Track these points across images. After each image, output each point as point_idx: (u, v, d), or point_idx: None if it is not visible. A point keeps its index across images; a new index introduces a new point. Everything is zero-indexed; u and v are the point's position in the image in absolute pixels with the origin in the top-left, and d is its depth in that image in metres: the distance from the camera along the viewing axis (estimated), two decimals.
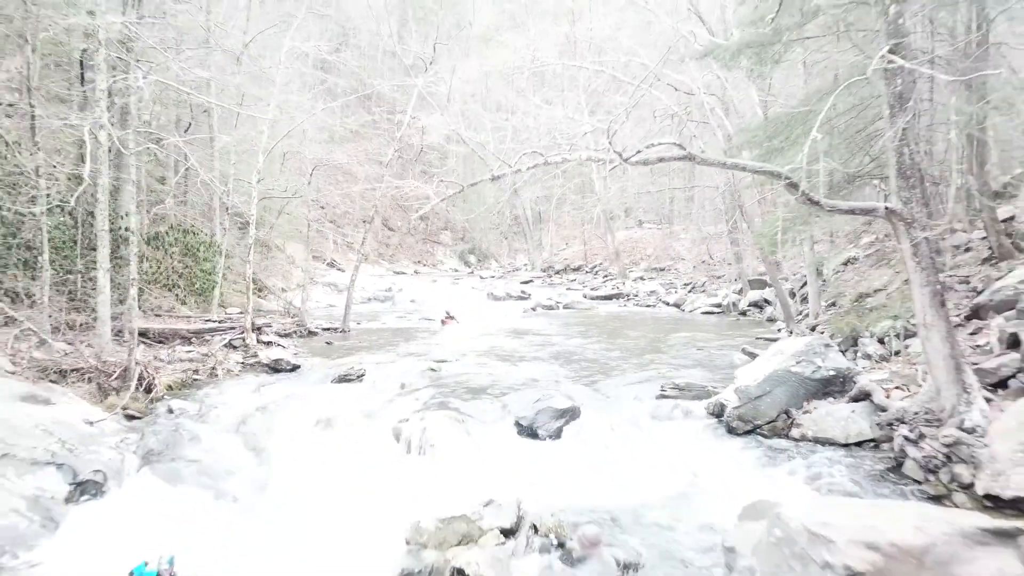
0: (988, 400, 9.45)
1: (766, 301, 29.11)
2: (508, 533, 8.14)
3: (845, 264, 25.92)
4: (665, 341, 22.19)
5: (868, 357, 13.75)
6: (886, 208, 9.15)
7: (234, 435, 12.79)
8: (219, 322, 21.28)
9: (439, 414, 12.61)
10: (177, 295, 22.48)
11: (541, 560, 5.96)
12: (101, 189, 15.15)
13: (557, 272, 53.19)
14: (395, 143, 25.09)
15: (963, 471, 8.70)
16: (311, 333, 23.78)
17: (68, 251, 16.90)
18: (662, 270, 47.22)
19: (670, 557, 7.34)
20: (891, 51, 8.80)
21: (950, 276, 16.98)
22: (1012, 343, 10.52)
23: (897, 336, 13.76)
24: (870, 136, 14.78)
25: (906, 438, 9.42)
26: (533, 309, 33.54)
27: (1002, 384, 9.98)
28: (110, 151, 15.67)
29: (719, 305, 31.52)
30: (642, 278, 45.51)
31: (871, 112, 14.47)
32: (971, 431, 8.91)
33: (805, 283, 24.58)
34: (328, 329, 24.68)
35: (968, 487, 8.57)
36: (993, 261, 16.90)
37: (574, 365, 17.81)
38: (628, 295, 38.93)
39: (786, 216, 14.96)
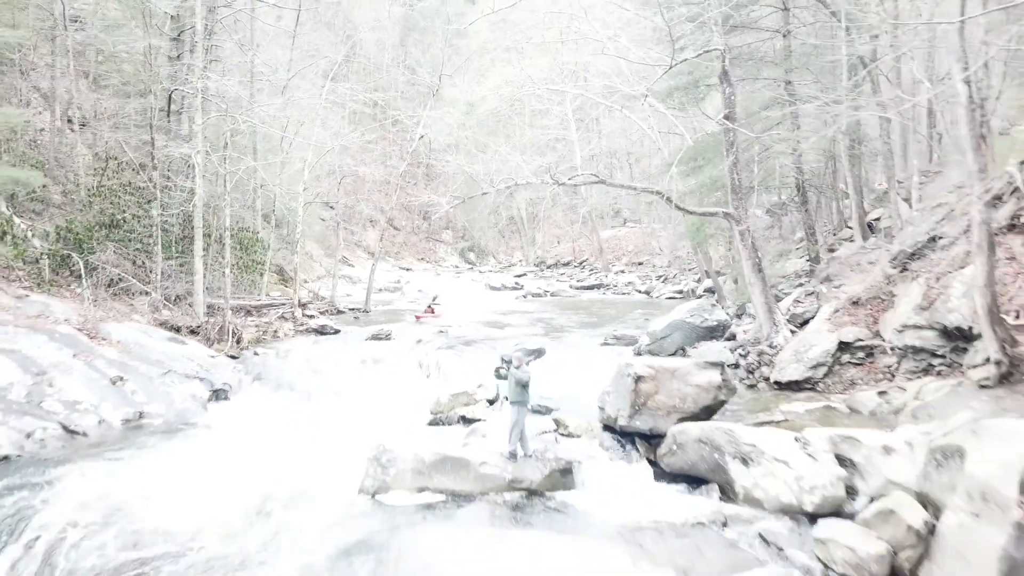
0: (793, 332, 15.19)
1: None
2: (491, 401, 13.92)
3: (780, 255, 31.68)
4: (626, 316, 27.90)
5: (750, 315, 19.48)
6: (724, 212, 14.89)
7: (304, 369, 18.49)
8: (270, 301, 26.96)
9: (448, 352, 18.43)
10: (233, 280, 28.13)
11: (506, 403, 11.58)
12: (198, 198, 20.86)
13: (548, 267, 58.87)
14: (407, 157, 30.70)
15: (766, 370, 14.44)
16: (340, 312, 29.51)
17: (168, 243, 22.57)
18: (641, 264, 52.91)
19: (575, 403, 13.12)
20: (726, 117, 14.51)
21: (831, 254, 22.71)
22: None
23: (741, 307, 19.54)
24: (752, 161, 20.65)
25: (740, 354, 15.18)
26: (524, 296, 39.16)
27: (805, 323, 15.68)
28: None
29: (681, 291, 37.19)
30: (623, 271, 51.22)
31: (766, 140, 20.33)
32: (774, 348, 14.64)
33: None
34: (353, 309, 30.39)
35: (767, 379, 14.29)
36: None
37: (548, 328, 23.57)
38: (608, 285, 44.69)
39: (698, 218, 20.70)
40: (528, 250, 65.08)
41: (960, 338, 11.02)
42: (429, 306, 29.06)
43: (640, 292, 40.84)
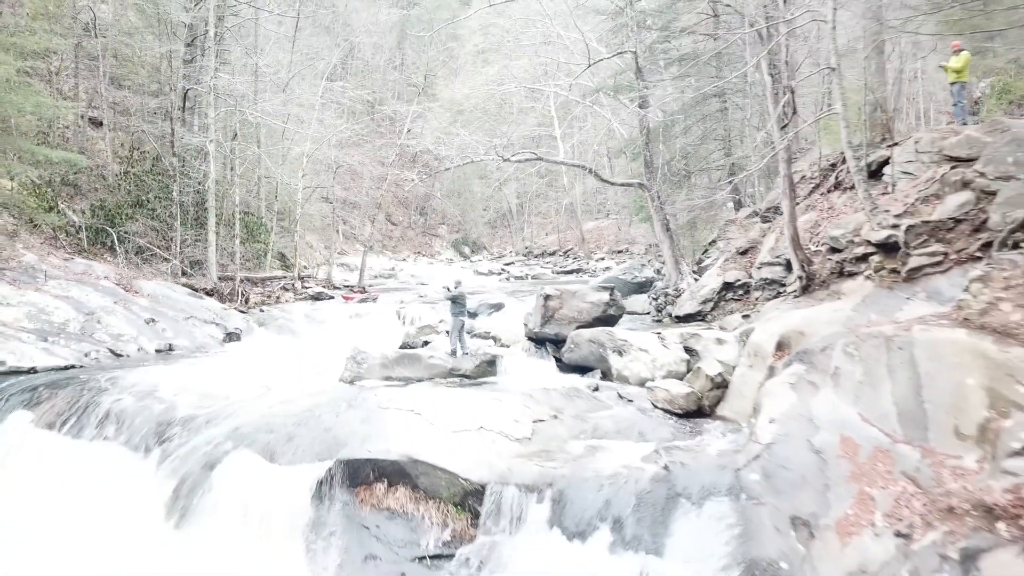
0: (696, 279, 18.76)
1: None
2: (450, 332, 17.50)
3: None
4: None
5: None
6: (638, 183, 18.47)
7: (302, 320, 22.15)
8: (273, 275, 30.58)
9: (423, 306, 22.01)
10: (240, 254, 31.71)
11: None
12: (211, 180, 24.46)
13: (535, 256, 62.49)
14: (396, 148, 34.31)
15: (670, 308, 18.02)
16: (336, 288, 33.10)
17: (186, 219, 26.15)
18: (620, 252, 56.43)
19: (513, 330, 16.73)
20: (640, 106, 18.08)
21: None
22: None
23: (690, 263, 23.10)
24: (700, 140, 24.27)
25: (652, 298, 18.76)
26: (507, 279, 42.78)
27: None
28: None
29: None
30: (603, 258, 54.79)
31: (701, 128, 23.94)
32: (678, 291, 18.22)
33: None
34: (348, 286, 34.01)
35: (671, 315, 17.87)
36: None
37: (516, 293, 27.13)
38: (587, 270, 48.27)
39: (640, 195, 24.25)
40: (516, 240, 68.66)
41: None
42: (355, 287, 31.26)
43: None
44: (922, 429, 8.13)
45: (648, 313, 19.48)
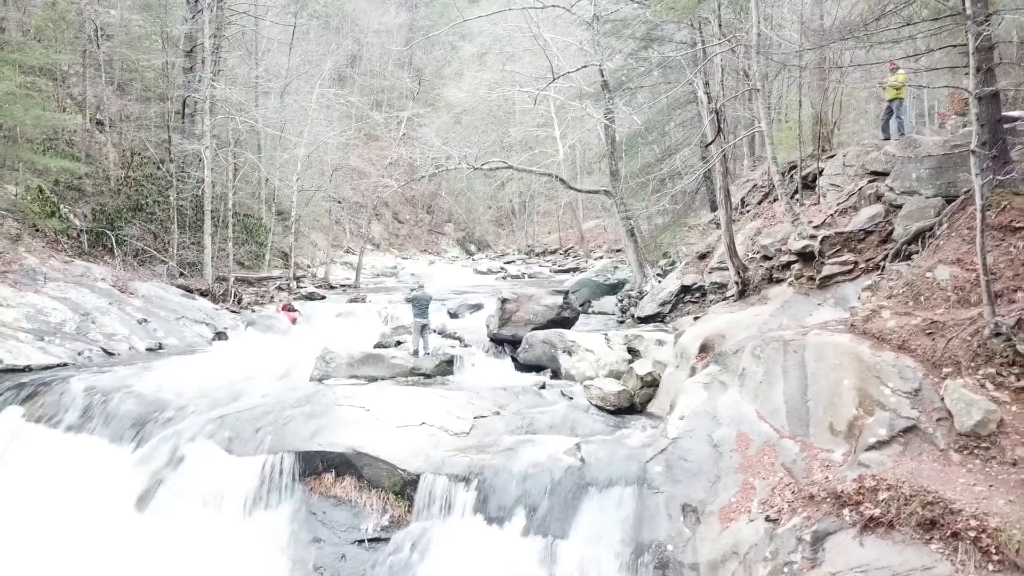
0: (659, 281, 19.58)
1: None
2: None
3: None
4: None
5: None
6: (604, 190, 19.31)
7: (290, 320, 23.11)
8: (269, 275, 31.63)
9: (405, 306, 22.93)
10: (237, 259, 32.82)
11: None
12: (207, 185, 25.52)
13: (537, 254, 63.33)
14: (394, 153, 35.32)
15: (634, 310, 18.86)
16: (331, 287, 34.13)
17: (183, 223, 27.25)
18: (619, 251, 57.06)
19: (480, 331, 17.68)
20: (606, 116, 18.91)
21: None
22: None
23: (663, 266, 23.94)
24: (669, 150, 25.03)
25: (618, 299, 19.61)
26: (504, 277, 43.65)
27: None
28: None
29: None
30: (601, 257, 55.50)
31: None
32: (641, 294, 19.06)
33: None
34: (344, 286, 35.03)
35: (633, 316, 18.71)
36: None
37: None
38: (583, 269, 49.02)
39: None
40: (519, 239, 69.59)
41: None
42: (284, 305, 29.62)
43: None
44: (804, 425, 8.97)
45: (615, 314, 20.37)
